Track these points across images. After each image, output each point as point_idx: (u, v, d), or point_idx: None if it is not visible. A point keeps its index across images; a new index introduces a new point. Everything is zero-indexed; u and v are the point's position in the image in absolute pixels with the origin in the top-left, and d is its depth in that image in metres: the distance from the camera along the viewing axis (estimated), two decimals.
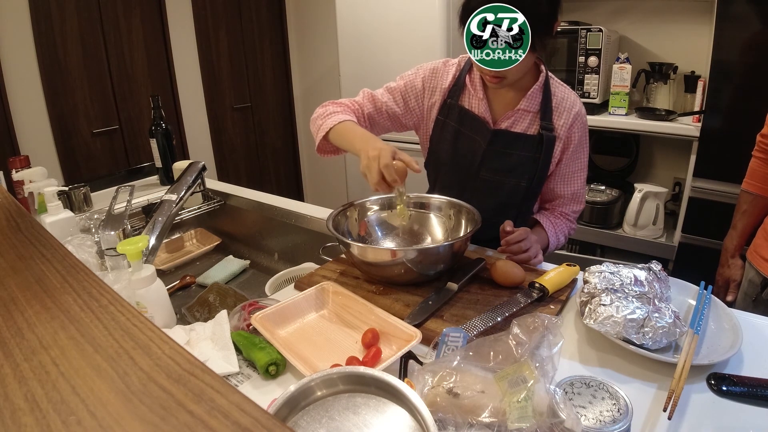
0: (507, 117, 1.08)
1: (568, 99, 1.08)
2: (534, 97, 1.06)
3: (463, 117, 1.10)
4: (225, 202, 1.60)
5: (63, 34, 2.41)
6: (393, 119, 1.16)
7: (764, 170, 1.21)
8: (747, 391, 0.65)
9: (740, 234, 1.27)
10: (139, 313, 0.39)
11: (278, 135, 3.73)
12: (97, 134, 2.61)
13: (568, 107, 1.07)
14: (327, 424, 0.49)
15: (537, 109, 1.07)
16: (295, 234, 1.40)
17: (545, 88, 1.06)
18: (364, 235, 1.09)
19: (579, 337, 0.81)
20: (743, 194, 1.27)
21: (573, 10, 2.35)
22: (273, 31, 3.51)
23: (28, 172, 1.35)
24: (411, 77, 1.15)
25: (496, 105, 1.10)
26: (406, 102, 1.15)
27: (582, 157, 1.13)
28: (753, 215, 1.25)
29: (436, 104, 1.13)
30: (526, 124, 1.07)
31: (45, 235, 0.55)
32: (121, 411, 0.28)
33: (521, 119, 1.07)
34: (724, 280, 1.30)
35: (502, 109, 1.09)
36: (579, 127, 1.08)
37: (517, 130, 1.08)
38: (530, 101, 1.06)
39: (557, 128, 1.07)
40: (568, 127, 1.07)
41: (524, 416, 0.52)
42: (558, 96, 1.08)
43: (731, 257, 1.29)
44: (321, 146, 1.12)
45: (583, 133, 1.10)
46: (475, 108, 1.09)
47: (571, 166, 1.12)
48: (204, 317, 1.01)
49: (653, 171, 2.39)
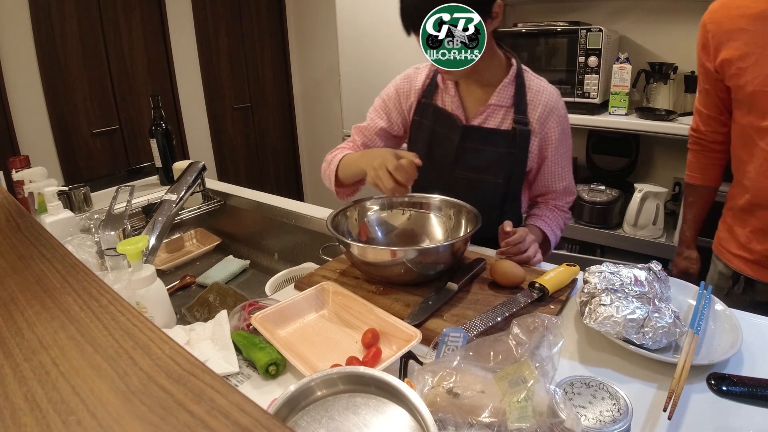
0: (479, 113, 1.07)
1: (544, 91, 1.06)
2: (505, 91, 1.05)
3: (437, 115, 1.11)
4: (225, 202, 1.60)
5: (63, 34, 2.41)
6: (384, 136, 1.20)
7: (700, 161, 1.26)
8: (747, 391, 0.65)
9: (691, 225, 1.32)
10: (139, 313, 0.39)
11: (278, 135, 3.73)
12: (97, 134, 2.61)
13: (543, 100, 1.05)
14: (327, 424, 0.49)
15: (510, 104, 1.06)
16: (295, 234, 1.40)
17: (518, 81, 1.06)
18: (364, 237, 1.09)
19: (579, 337, 0.81)
20: (687, 186, 1.32)
21: (573, 10, 2.35)
22: (273, 31, 3.51)
23: (28, 172, 1.35)
24: (386, 90, 1.19)
25: (468, 102, 1.10)
26: (388, 114, 1.19)
27: (568, 150, 1.13)
28: (699, 205, 1.30)
29: (413, 106, 1.15)
30: (499, 119, 1.07)
31: (45, 235, 0.55)
32: (121, 411, 0.28)
33: (494, 114, 1.07)
34: (679, 271, 1.34)
35: (475, 106, 1.09)
36: (557, 119, 1.07)
37: (490, 126, 1.07)
38: (501, 95, 1.05)
39: (532, 122, 1.06)
40: (544, 120, 1.06)
41: (524, 416, 0.52)
42: (533, 89, 1.06)
43: (687, 248, 1.34)
44: (338, 191, 1.19)
45: (563, 126, 1.08)
46: (448, 106, 1.10)
47: (560, 162, 1.12)
48: (204, 317, 1.01)
49: (653, 171, 2.39)
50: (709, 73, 1.10)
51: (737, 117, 1.09)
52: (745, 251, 1.13)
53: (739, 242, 1.14)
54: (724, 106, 1.14)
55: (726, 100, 1.12)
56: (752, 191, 1.07)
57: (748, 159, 1.08)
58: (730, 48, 1.02)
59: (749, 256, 1.12)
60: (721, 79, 1.08)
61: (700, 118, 1.21)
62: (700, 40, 1.11)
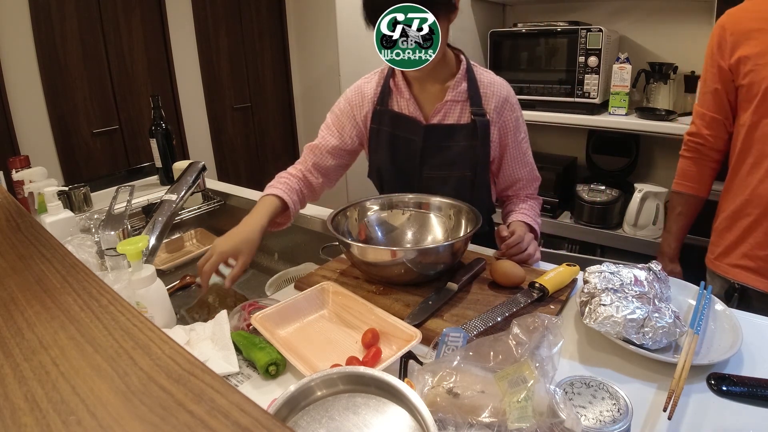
0: (437, 111, 1.09)
1: (495, 83, 1.09)
2: (458, 86, 1.07)
3: (395, 120, 1.11)
4: (225, 202, 1.60)
5: (63, 34, 2.41)
6: (335, 154, 1.17)
7: (695, 169, 1.23)
8: (747, 391, 0.65)
9: (675, 237, 1.28)
10: (139, 313, 0.39)
11: (278, 135, 3.73)
12: (97, 134, 2.61)
13: (496, 91, 1.08)
14: (327, 424, 0.49)
15: (465, 98, 1.08)
16: (295, 234, 1.40)
17: (469, 75, 1.08)
18: (364, 237, 1.09)
19: (579, 337, 0.81)
20: (675, 196, 1.27)
21: (573, 10, 2.35)
22: (273, 31, 3.51)
23: (28, 172, 1.35)
24: (337, 105, 1.18)
25: (424, 102, 1.10)
26: (340, 130, 1.16)
27: (525, 136, 1.14)
28: (688, 216, 1.26)
29: (368, 115, 1.14)
30: (457, 114, 1.08)
31: (45, 235, 0.55)
32: (121, 411, 0.28)
33: (451, 110, 1.08)
34: None
35: (431, 105, 1.10)
36: (510, 108, 1.09)
37: (450, 122, 1.09)
38: (456, 91, 1.07)
39: (489, 112, 1.08)
40: (500, 110, 1.08)
41: (524, 416, 0.52)
42: (484, 82, 1.09)
43: (671, 262, 1.29)
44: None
45: (517, 114, 1.11)
46: (405, 109, 1.11)
47: (520, 148, 1.13)
48: (203, 318, 1.01)
49: (653, 171, 2.39)
50: (723, 72, 1.11)
51: (744, 118, 1.09)
52: (748, 260, 1.10)
53: (740, 251, 1.12)
54: (731, 108, 1.14)
55: (734, 102, 1.12)
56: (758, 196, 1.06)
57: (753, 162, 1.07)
58: (747, 46, 1.04)
59: (752, 264, 1.10)
60: (733, 79, 1.09)
61: (702, 122, 1.20)
62: (714, 40, 1.12)
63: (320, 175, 1.19)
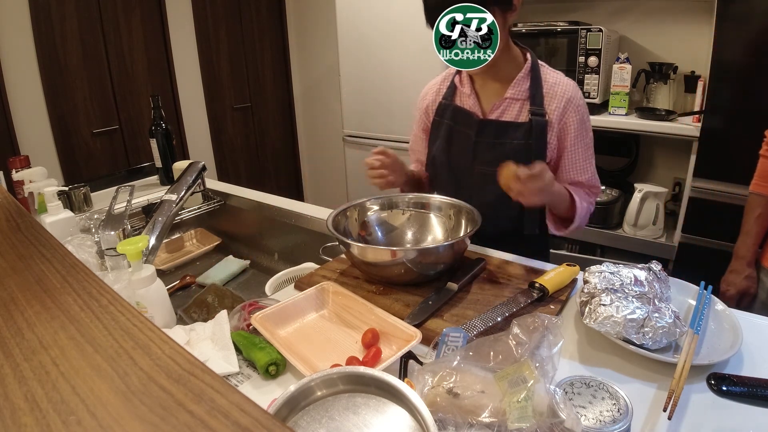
0: (496, 107, 1.09)
1: (560, 84, 1.07)
2: (520, 84, 1.06)
3: (456, 114, 1.13)
4: (225, 202, 1.60)
5: (63, 34, 2.41)
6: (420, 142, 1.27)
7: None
8: (747, 391, 0.65)
9: (755, 240, 1.19)
10: (139, 313, 0.39)
11: (278, 135, 3.73)
12: (97, 134, 2.61)
13: (560, 92, 1.06)
14: (327, 424, 0.49)
15: (526, 96, 1.06)
16: (295, 234, 1.40)
17: (533, 74, 1.07)
18: (364, 235, 1.09)
19: (579, 337, 0.81)
20: (755, 198, 1.19)
21: (573, 10, 2.35)
22: (273, 31, 3.51)
23: (28, 172, 1.35)
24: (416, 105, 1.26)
25: (484, 98, 1.11)
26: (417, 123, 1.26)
27: (589, 142, 1.10)
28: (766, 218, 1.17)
29: (434, 108, 1.18)
30: (515, 112, 1.08)
31: (45, 235, 0.55)
32: (121, 411, 0.28)
33: (510, 108, 1.08)
34: (737, 290, 1.22)
35: (491, 101, 1.10)
36: (574, 110, 1.06)
37: (507, 119, 1.08)
38: (517, 88, 1.06)
39: (549, 113, 1.06)
40: (561, 111, 1.06)
41: (524, 416, 0.52)
42: (549, 81, 1.07)
43: (747, 266, 1.20)
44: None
45: (581, 117, 1.07)
46: (465, 103, 1.12)
47: (580, 153, 1.09)
48: (202, 318, 1.01)
49: (653, 171, 2.39)
50: None
51: None
52: None
53: None
54: None
55: None
56: None
57: None
58: None
59: None
60: None
61: None
62: None
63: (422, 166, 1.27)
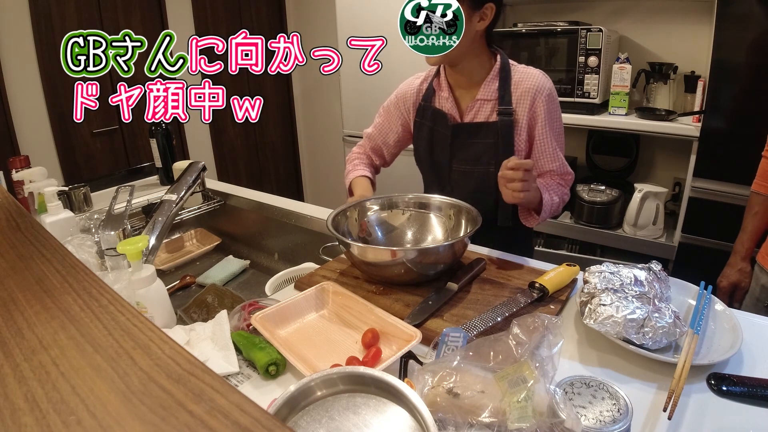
0: (470, 109, 1.13)
1: (527, 77, 1.08)
2: (489, 86, 1.10)
3: (435, 116, 1.18)
4: (225, 202, 1.60)
5: (63, 34, 2.40)
6: (384, 138, 1.30)
7: None
8: (747, 391, 0.65)
9: (750, 236, 1.25)
10: (139, 313, 0.39)
11: (278, 135, 3.73)
12: (97, 134, 2.61)
13: (526, 85, 1.08)
14: (327, 424, 0.49)
15: (495, 97, 1.10)
16: (295, 234, 1.40)
17: (502, 75, 1.09)
18: (364, 235, 1.09)
19: (579, 337, 0.81)
20: (754, 196, 1.25)
21: (573, 10, 2.35)
22: (273, 32, 3.51)
23: (28, 172, 1.35)
24: (389, 98, 1.29)
25: (460, 100, 1.16)
26: (388, 118, 1.28)
27: (558, 130, 1.12)
28: (765, 217, 1.23)
29: (414, 108, 1.22)
30: (487, 113, 1.12)
31: (45, 235, 0.55)
32: (121, 411, 0.28)
33: (482, 109, 1.12)
34: (730, 284, 1.27)
35: (466, 103, 1.14)
36: (542, 101, 1.07)
37: (480, 120, 1.12)
38: (486, 90, 1.10)
39: (518, 111, 1.09)
40: (529, 103, 1.08)
41: (524, 416, 0.52)
42: (516, 78, 1.09)
43: (742, 260, 1.26)
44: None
45: (549, 106, 1.08)
46: (444, 106, 1.16)
47: (549, 141, 1.11)
48: (202, 318, 1.01)
49: (653, 171, 2.39)
50: None
51: None
52: None
53: None
54: None
55: None
56: None
57: None
58: None
59: None
60: None
61: None
62: None
63: (377, 156, 1.33)
